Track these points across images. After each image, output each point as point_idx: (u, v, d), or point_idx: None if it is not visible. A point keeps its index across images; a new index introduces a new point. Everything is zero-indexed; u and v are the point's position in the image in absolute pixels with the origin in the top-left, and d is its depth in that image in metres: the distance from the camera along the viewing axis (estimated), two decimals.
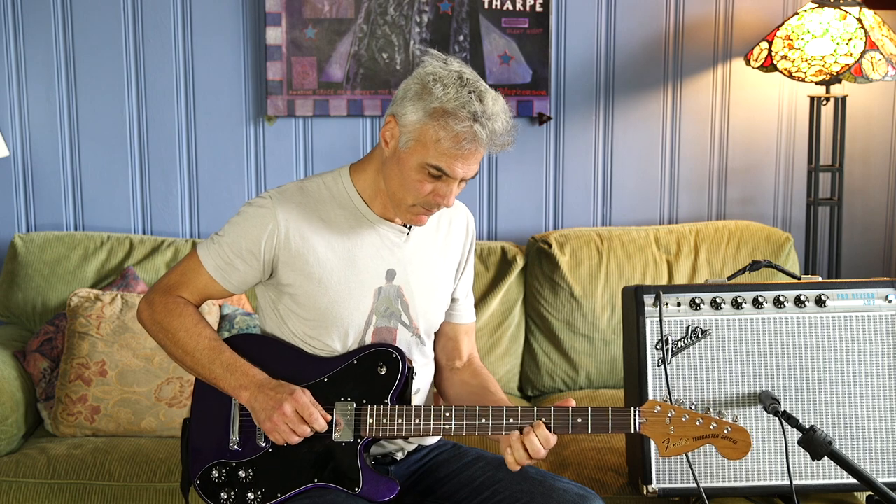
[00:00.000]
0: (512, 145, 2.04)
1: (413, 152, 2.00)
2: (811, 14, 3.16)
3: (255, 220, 2.10)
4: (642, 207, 3.51)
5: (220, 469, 2.12)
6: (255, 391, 2.05)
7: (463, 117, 1.96)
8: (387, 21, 3.33)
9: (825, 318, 2.45)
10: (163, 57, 3.37)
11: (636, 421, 2.01)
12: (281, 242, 2.09)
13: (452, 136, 1.96)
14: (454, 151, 1.97)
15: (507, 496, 2.10)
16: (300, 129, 3.42)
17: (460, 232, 2.27)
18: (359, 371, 2.10)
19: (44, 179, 3.42)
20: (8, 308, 3.24)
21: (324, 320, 2.11)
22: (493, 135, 1.98)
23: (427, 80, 2.00)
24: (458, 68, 2.02)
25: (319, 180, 2.16)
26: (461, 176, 2.01)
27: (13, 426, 2.82)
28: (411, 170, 2.01)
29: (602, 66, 3.44)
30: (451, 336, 2.31)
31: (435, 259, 2.21)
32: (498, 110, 1.99)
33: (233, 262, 2.12)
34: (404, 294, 2.15)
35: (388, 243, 2.14)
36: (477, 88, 1.99)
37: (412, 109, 2.00)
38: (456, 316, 2.30)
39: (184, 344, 2.11)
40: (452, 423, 2.04)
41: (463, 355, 2.31)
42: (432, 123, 1.98)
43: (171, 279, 2.17)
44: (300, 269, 2.10)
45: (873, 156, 3.54)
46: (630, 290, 2.48)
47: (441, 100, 1.97)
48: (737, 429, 1.99)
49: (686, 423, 1.99)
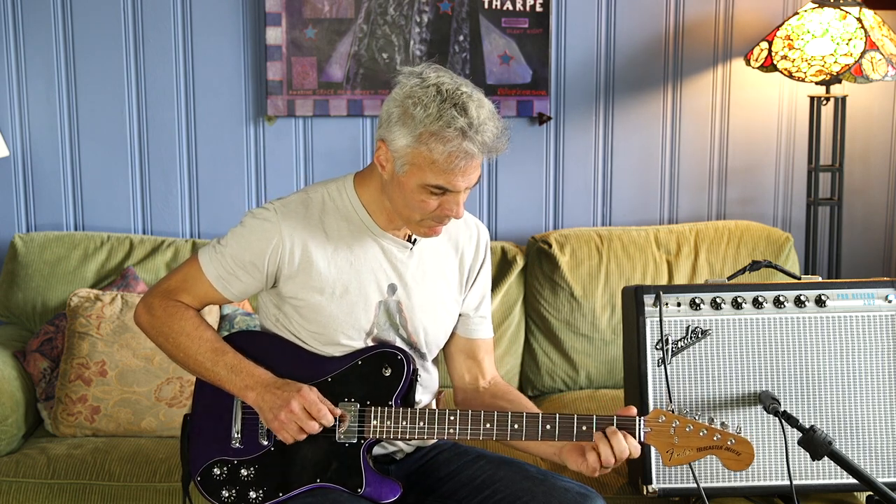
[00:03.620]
0: (508, 146, 2.00)
1: (411, 175, 1.98)
2: (811, 14, 3.16)
3: (259, 234, 2.09)
4: (642, 207, 3.51)
5: (222, 466, 2.11)
6: (262, 391, 2.05)
7: (450, 137, 1.92)
8: (387, 21, 3.33)
9: (825, 318, 2.45)
10: (163, 57, 3.37)
11: (641, 430, 2.01)
12: (285, 257, 2.08)
13: (445, 158, 1.93)
14: (451, 170, 1.95)
15: (509, 494, 2.10)
16: (300, 129, 3.42)
17: (470, 247, 2.24)
18: (363, 372, 2.09)
19: (44, 179, 3.42)
20: (8, 308, 3.24)
21: (325, 331, 2.11)
22: (484, 146, 1.95)
23: (406, 105, 1.96)
24: (435, 80, 1.97)
25: (324, 190, 2.14)
26: (464, 187, 1.99)
27: (13, 426, 2.82)
28: (413, 192, 1.99)
29: (602, 66, 3.44)
30: (468, 354, 2.27)
31: (439, 275, 2.19)
32: (485, 117, 1.95)
33: (235, 273, 2.11)
34: (403, 309, 2.14)
35: (390, 257, 2.13)
36: (459, 99, 1.94)
37: (399, 135, 1.96)
38: (471, 330, 2.26)
39: (186, 347, 2.11)
40: (457, 427, 2.03)
41: (486, 374, 2.28)
42: (421, 148, 1.94)
43: (170, 283, 2.17)
44: (303, 283, 2.09)
45: (873, 156, 3.54)
46: (630, 290, 2.48)
47: (424, 123, 1.93)
48: (740, 440, 2.00)
49: (690, 433, 2.00)
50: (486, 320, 2.30)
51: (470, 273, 2.25)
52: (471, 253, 2.24)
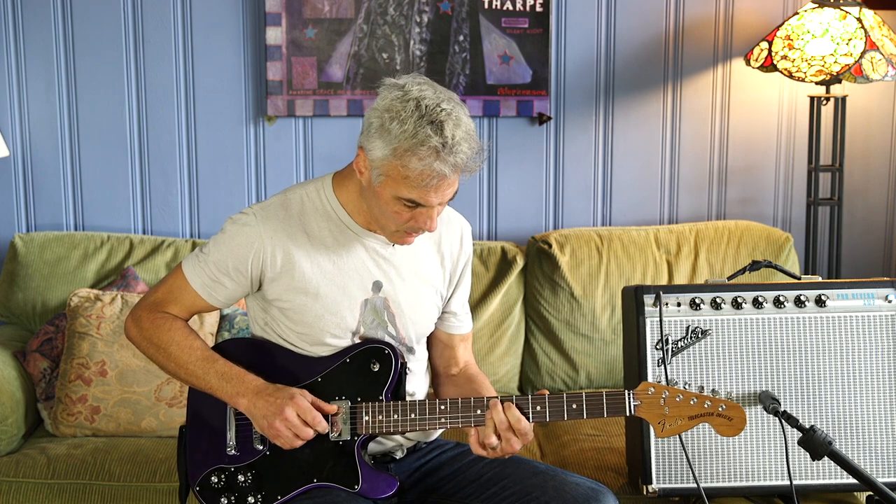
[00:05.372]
0: (482, 165, 2.02)
1: (386, 186, 1.99)
2: (811, 14, 3.16)
3: (239, 239, 2.10)
4: (642, 207, 3.51)
5: (220, 474, 2.12)
6: (253, 398, 2.05)
7: (423, 155, 1.93)
8: (387, 21, 3.33)
9: (825, 318, 2.45)
10: (163, 57, 3.37)
11: (631, 403, 2.01)
12: (267, 261, 2.09)
13: (417, 175, 1.94)
14: (424, 186, 1.96)
15: (518, 490, 2.10)
16: (300, 129, 3.42)
17: (454, 243, 2.25)
18: (352, 369, 2.10)
19: (44, 179, 3.42)
20: (8, 308, 3.24)
21: (311, 332, 2.12)
22: (456, 167, 1.95)
23: (384, 118, 1.96)
24: (416, 94, 1.96)
25: (302, 191, 2.15)
26: (437, 203, 2.00)
27: (13, 426, 2.82)
28: (387, 202, 2.01)
29: (602, 66, 3.44)
30: (447, 344, 2.30)
31: (423, 270, 2.20)
32: (460, 137, 1.94)
33: (219, 280, 2.12)
34: (391, 306, 2.15)
35: (374, 255, 2.14)
36: (436, 117, 1.94)
37: (377, 146, 1.97)
38: (453, 327, 2.30)
39: (176, 357, 2.12)
40: (448, 415, 2.04)
41: (459, 362, 2.31)
42: (396, 162, 1.95)
43: (157, 296, 2.18)
44: (287, 285, 2.10)
45: (873, 156, 3.54)
46: (630, 290, 2.48)
47: (399, 139, 1.94)
48: (731, 406, 2.00)
49: (680, 402, 2.00)
50: (468, 315, 2.33)
51: (454, 269, 2.26)
52: (455, 249, 2.25)
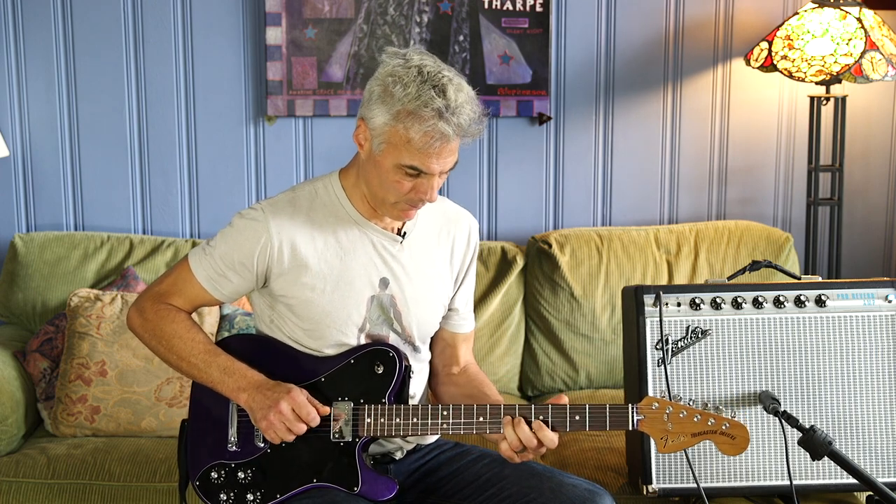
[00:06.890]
0: (483, 131, 2.02)
1: (387, 154, 2.00)
2: (811, 14, 3.16)
3: (247, 233, 2.10)
4: (642, 207, 3.51)
5: (220, 470, 2.12)
6: (253, 392, 2.05)
7: (426, 116, 1.94)
8: (387, 21, 3.33)
9: (825, 318, 2.45)
10: (163, 57, 3.37)
11: (634, 418, 2.00)
12: (274, 255, 2.09)
13: (420, 137, 1.95)
14: (426, 150, 1.97)
15: (516, 492, 2.10)
16: (300, 129, 3.42)
17: (461, 240, 2.25)
18: (356, 370, 2.10)
19: (44, 179, 3.42)
20: (8, 308, 3.24)
21: (318, 328, 2.11)
22: (459, 128, 1.97)
23: (387, 82, 1.98)
24: (418, 62, 1.99)
25: (311, 188, 2.16)
26: (438, 171, 2.01)
27: (13, 426, 2.82)
28: (388, 171, 2.01)
29: (602, 66, 3.44)
30: (449, 343, 2.30)
31: (431, 267, 2.20)
32: (462, 101, 1.97)
33: (225, 274, 2.12)
34: (397, 303, 2.15)
35: (381, 251, 2.14)
36: (439, 81, 1.96)
37: (378, 112, 1.99)
38: (456, 325, 2.29)
39: (178, 350, 2.12)
40: (450, 421, 2.03)
41: (460, 361, 2.30)
42: (398, 126, 1.96)
43: (162, 287, 2.17)
44: (293, 281, 2.10)
45: (873, 156, 3.54)
46: (630, 290, 2.48)
47: (402, 101, 1.95)
48: (735, 424, 1.99)
49: (684, 419, 1.99)
50: (471, 314, 2.33)
51: (461, 267, 2.26)
52: (462, 246, 2.25)
